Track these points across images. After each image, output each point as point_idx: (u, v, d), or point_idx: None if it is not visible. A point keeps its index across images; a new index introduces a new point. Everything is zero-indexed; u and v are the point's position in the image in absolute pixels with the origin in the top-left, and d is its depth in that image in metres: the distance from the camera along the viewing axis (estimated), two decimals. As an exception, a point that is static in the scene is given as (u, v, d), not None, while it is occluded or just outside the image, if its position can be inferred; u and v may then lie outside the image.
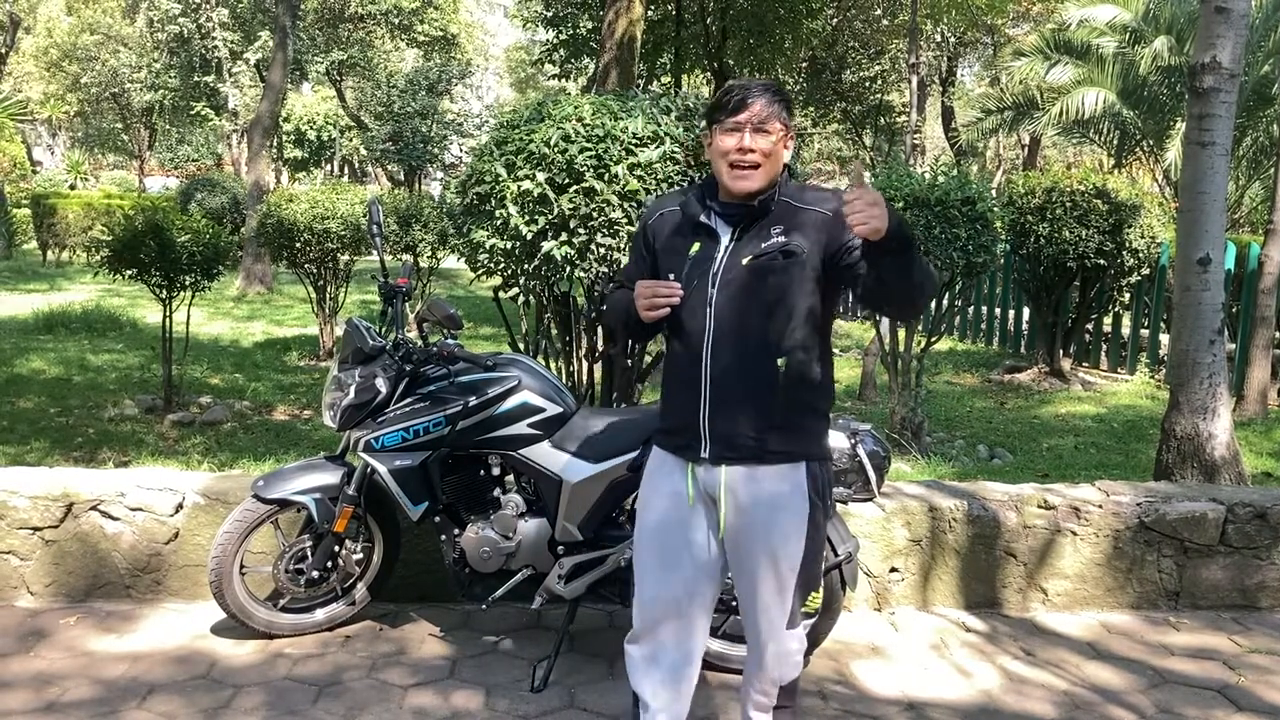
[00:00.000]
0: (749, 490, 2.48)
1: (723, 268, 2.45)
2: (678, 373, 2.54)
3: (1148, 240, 8.79)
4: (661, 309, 2.42)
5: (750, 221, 2.47)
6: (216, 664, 3.44)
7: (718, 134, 2.46)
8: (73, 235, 19.85)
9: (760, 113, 2.41)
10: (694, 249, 2.49)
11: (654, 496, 2.61)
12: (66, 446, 5.97)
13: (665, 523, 2.58)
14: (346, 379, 3.48)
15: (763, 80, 2.51)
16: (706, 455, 2.49)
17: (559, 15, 19.14)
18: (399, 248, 10.97)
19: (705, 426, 2.48)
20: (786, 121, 2.46)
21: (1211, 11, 4.95)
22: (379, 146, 32.58)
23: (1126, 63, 14.83)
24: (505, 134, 4.34)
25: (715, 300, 2.44)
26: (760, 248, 2.43)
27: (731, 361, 2.44)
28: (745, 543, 2.51)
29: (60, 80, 34.98)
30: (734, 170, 2.43)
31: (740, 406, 2.45)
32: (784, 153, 2.48)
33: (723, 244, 2.48)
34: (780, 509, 2.48)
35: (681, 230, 2.55)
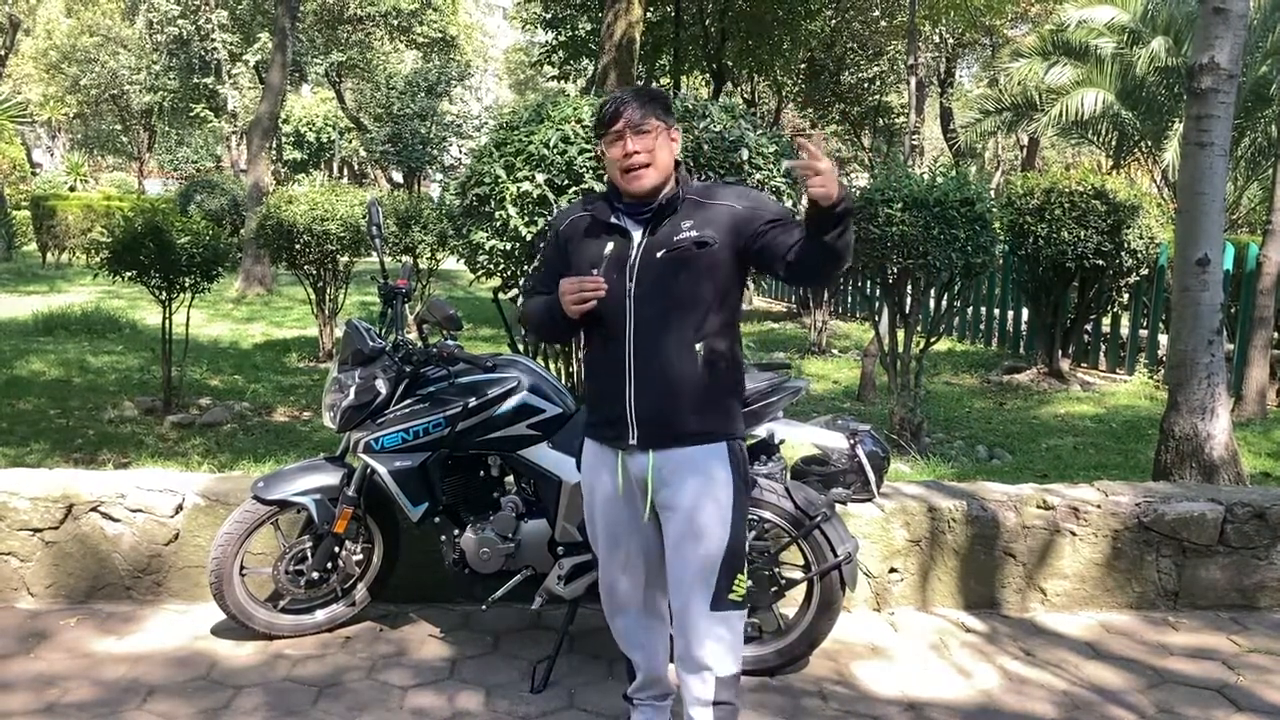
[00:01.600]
0: (674, 471, 2.63)
1: (639, 262, 2.60)
2: (602, 365, 2.69)
3: (1146, 241, 8.79)
4: (588, 303, 2.55)
5: (660, 218, 2.62)
6: (217, 665, 3.45)
7: (605, 146, 2.64)
8: (72, 237, 19.86)
9: (633, 116, 2.57)
10: (609, 248, 2.64)
11: (593, 486, 2.79)
12: (66, 448, 5.97)
13: (605, 510, 2.77)
14: (346, 380, 3.48)
15: (633, 88, 2.69)
16: (635, 442, 2.64)
17: (558, 17, 19.15)
18: (398, 249, 10.97)
19: (632, 414, 2.62)
20: (664, 119, 2.61)
21: (1209, 12, 4.96)
22: (378, 148, 32.63)
23: (1125, 64, 14.85)
24: (504, 135, 4.35)
25: (634, 293, 2.59)
26: (674, 240, 2.59)
27: (653, 350, 2.59)
28: (672, 522, 2.66)
29: (60, 82, 34.99)
30: (626, 174, 2.60)
31: (663, 392, 2.60)
32: (672, 146, 2.63)
33: (635, 241, 2.63)
34: (704, 487, 2.62)
35: (593, 232, 2.69)
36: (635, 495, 2.71)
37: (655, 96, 2.65)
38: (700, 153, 4.09)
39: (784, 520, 3.37)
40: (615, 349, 2.63)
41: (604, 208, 2.69)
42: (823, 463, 3.51)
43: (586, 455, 2.81)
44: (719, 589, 2.65)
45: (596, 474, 2.77)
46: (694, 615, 2.67)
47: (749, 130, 4.61)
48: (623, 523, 2.75)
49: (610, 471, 2.72)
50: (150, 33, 31.01)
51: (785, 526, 3.38)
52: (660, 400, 2.60)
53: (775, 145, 4.78)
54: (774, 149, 4.73)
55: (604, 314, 2.60)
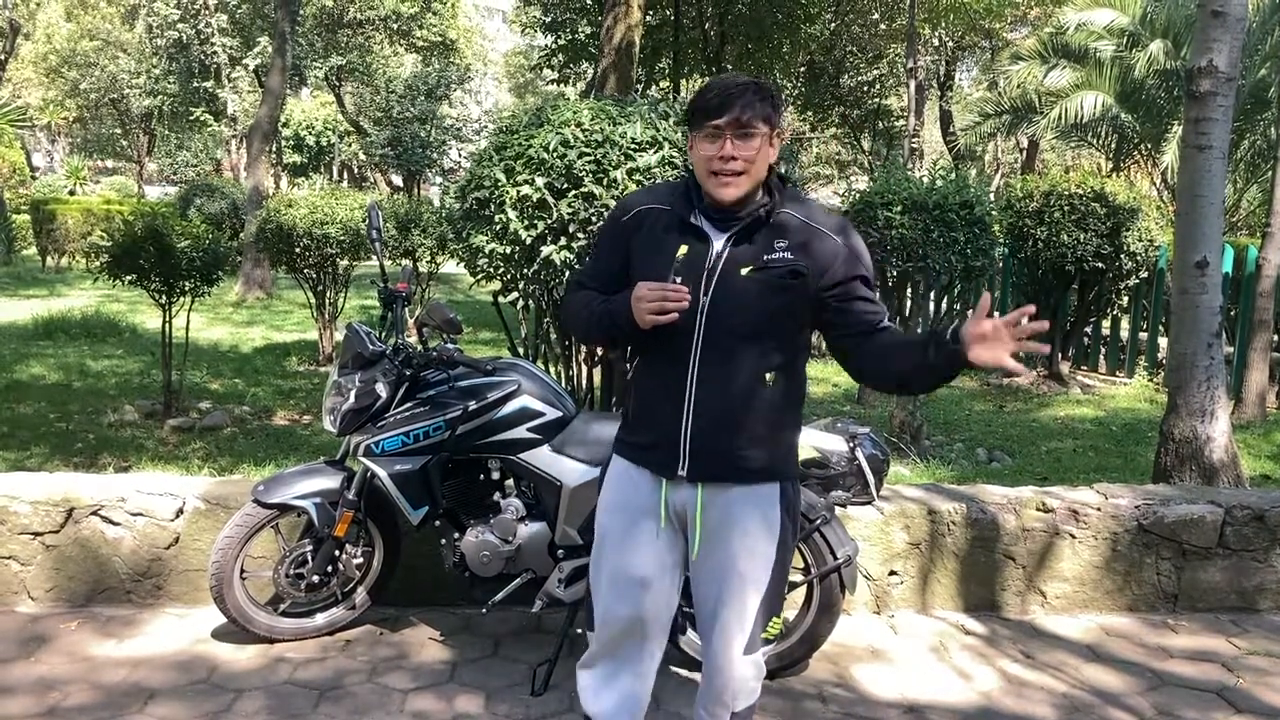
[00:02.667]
0: (724, 510, 2.37)
1: (719, 273, 2.29)
2: (657, 383, 2.38)
3: (1146, 243, 8.81)
4: (669, 315, 2.22)
5: (749, 230, 2.31)
6: (217, 668, 3.45)
7: (697, 139, 2.30)
8: (72, 241, 19.86)
9: (742, 115, 2.22)
10: (681, 251, 2.30)
11: (619, 514, 2.46)
12: (67, 452, 5.97)
13: (631, 543, 2.44)
14: (347, 384, 3.49)
15: (745, 78, 2.32)
16: (684, 473, 2.35)
17: (557, 20, 19.19)
18: (398, 253, 10.99)
19: (686, 442, 2.33)
20: (773, 121, 2.28)
21: (1208, 15, 4.97)
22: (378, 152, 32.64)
23: (1124, 66, 14.86)
24: (504, 139, 4.36)
25: (707, 308, 2.28)
26: (764, 260, 2.28)
27: (720, 374, 2.30)
28: (715, 565, 2.40)
29: (59, 86, 35.04)
30: (716, 178, 2.27)
31: (725, 421, 2.32)
32: (771, 154, 2.31)
33: (715, 249, 2.31)
34: (753, 531, 2.38)
35: (667, 229, 2.35)
36: (674, 530, 2.43)
37: (769, 93, 2.27)
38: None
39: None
40: (676, 367, 2.31)
41: (684, 203, 2.35)
42: (822, 466, 3.51)
43: (616, 477, 2.49)
44: (754, 633, 2.44)
45: (628, 500, 2.45)
46: (727, 658, 2.45)
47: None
48: (646, 554, 2.43)
49: (649, 500, 2.41)
50: (150, 37, 31.05)
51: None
52: (720, 431, 2.32)
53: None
54: (773, 152, 4.74)
55: (669, 328, 2.26)
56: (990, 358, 2.09)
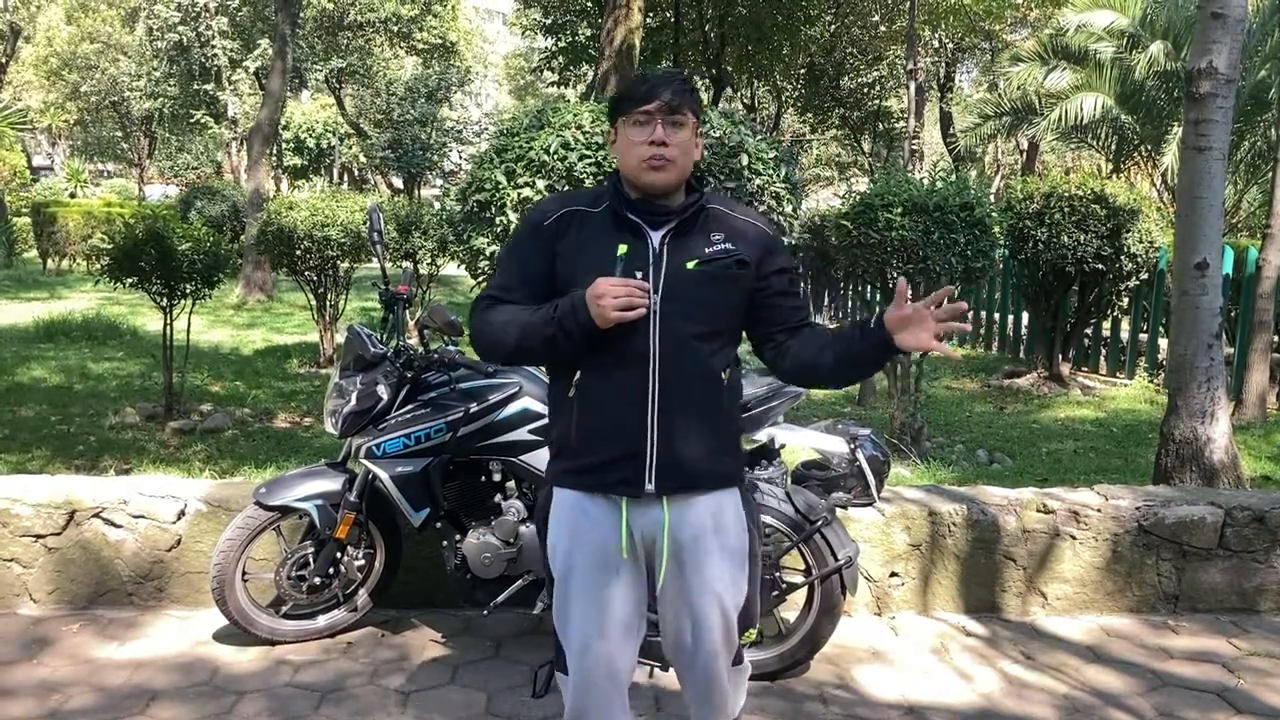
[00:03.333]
0: (693, 525, 2.27)
1: (665, 270, 2.21)
2: (611, 394, 2.22)
3: (1146, 245, 8.81)
4: (638, 310, 2.11)
5: (684, 224, 2.26)
6: (219, 671, 3.45)
7: (626, 126, 2.24)
8: (73, 243, 19.88)
9: (672, 100, 2.20)
10: (621, 249, 2.20)
11: (577, 556, 2.29)
12: (68, 454, 5.97)
13: (598, 590, 2.28)
14: (348, 386, 3.49)
15: (670, 71, 2.42)
16: (651, 486, 2.22)
17: (558, 23, 19.22)
18: (399, 255, 10.99)
19: (652, 454, 2.20)
20: (698, 114, 2.28)
21: (1208, 17, 4.98)
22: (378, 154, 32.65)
23: (1124, 68, 14.87)
24: (505, 141, 4.37)
25: (659, 306, 2.19)
26: (706, 253, 2.24)
27: (681, 375, 2.21)
28: (689, 587, 2.30)
29: (60, 89, 35.07)
30: (647, 164, 2.20)
31: (692, 425, 2.23)
32: (695, 150, 2.29)
33: (653, 245, 2.24)
34: (725, 543, 2.30)
35: (599, 230, 2.25)
36: (637, 557, 2.29)
37: (692, 88, 2.27)
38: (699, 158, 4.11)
39: (785, 525, 3.38)
40: (632, 374, 2.20)
41: (613, 200, 2.27)
42: (823, 467, 3.52)
43: (565, 513, 2.31)
44: (730, 645, 2.38)
45: (580, 532, 2.28)
46: (712, 675, 2.38)
47: (748, 136, 4.62)
48: (614, 588, 2.28)
49: (609, 528, 2.26)
50: (150, 39, 31.06)
51: (786, 531, 3.39)
52: (687, 437, 2.22)
53: (775, 151, 4.79)
54: (773, 154, 4.74)
55: (618, 331, 2.14)
56: (914, 342, 2.12)
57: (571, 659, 2.35)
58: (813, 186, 37.19)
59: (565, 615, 2.34)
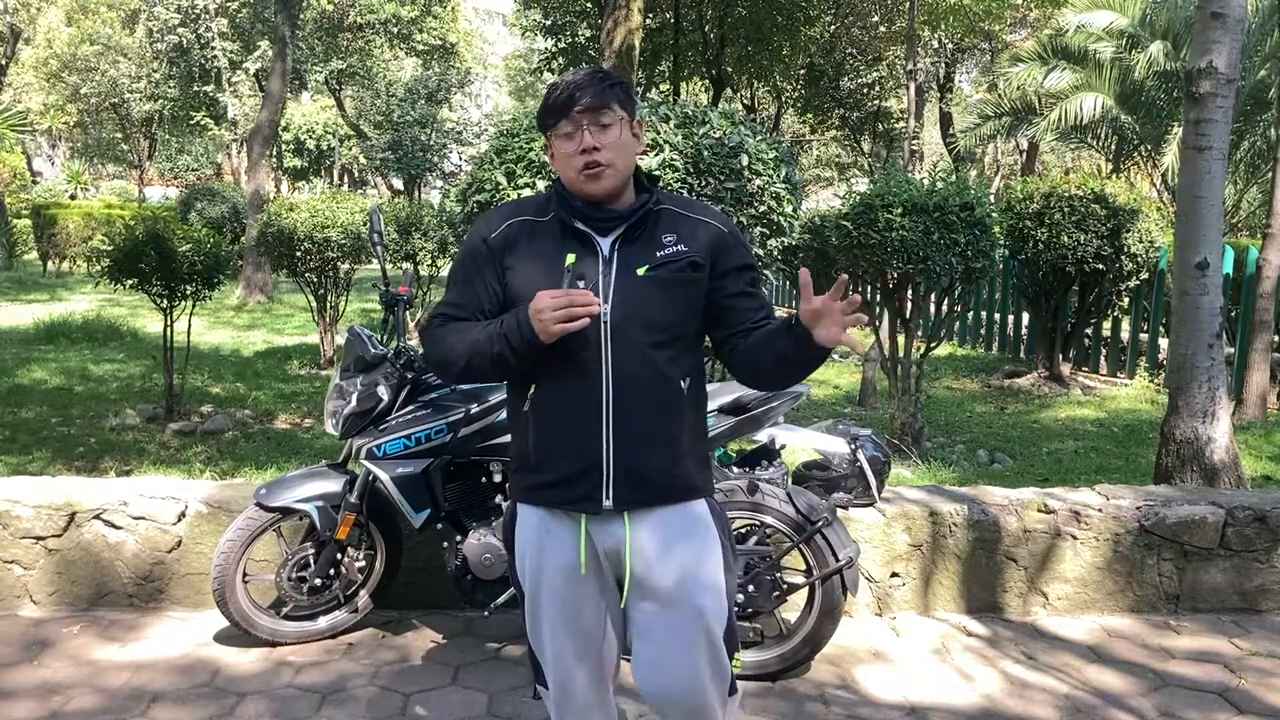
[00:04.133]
0: (658, 540, 2.18)
1: (614, 278, 2.14)
2: (564, 409, 2.16)
3: (1146, 245, 8.81)
4: (580, 321, 2.02)
5: (634, 228, 2.18)
6: (220, 672, 3.45)
7: (554, 139, 2.17)
8: (73, 245, 19.88)
9: (592, 102, 2.11)
10: (570, 259, 2.14)
11: (540, 565, 2.24)
12: (68, 456, 5.97)
13: (560, 592, 2.23)
14: (349, 387, 3.49)
15: (590, 69, 2.25)
16: (610, 503, 2.15)
17: (557, 24, 19.23)
18: (399, 256, 10.99)
19: (609, 466, 2.13)
20: (626, 108, 2.16)
21: (1207, 17, 4.98)
22: (378, 155, 32.66)
23: (1124, 68, 14.87)
24: (505, 142, 4.37)
25: (609, 315, 2.11)
26: (657, 257, 2.16)
27: (636, 385, 2.13)
28: (662, 606, 2.20)
29: (60, 91, 35.07)
30: (582, 173, 2.13)
31: (650, 437, 2.15)
32: (634, 142, 2.19)
33: (603, 253, 2.16)
34: (696, 557, 2.20)
35: (544, 241, 2.18)
36: (602, 572, 2.23)
37: (614, 81, 2.17)
38: (700, 159, 4.10)
39: (785, 525, 3.38)
40: (586, 387, 2.13)
41: (558, 210, 2.19)
42: (824, 468, 3.53)
43: (527, 530, 2.25)
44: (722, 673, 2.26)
45: (545, 550, 2.22)
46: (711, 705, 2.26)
47: (748, 136, 4.62)
48: (583, 604, 2.23)
49: (569, 545, 2.19)
50: (150, 41, 31.07)
51: (787, 531, 3.39)
52: (645, 448, 2.14)
53: (775, 151, 4.79)
54: (773, 155, 4.74)
55: (569, 343, 2.08)
56: (828, 337, 2.02)
57: (549, 674, 2.32)
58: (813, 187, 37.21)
59: (538, 632, 2.30)
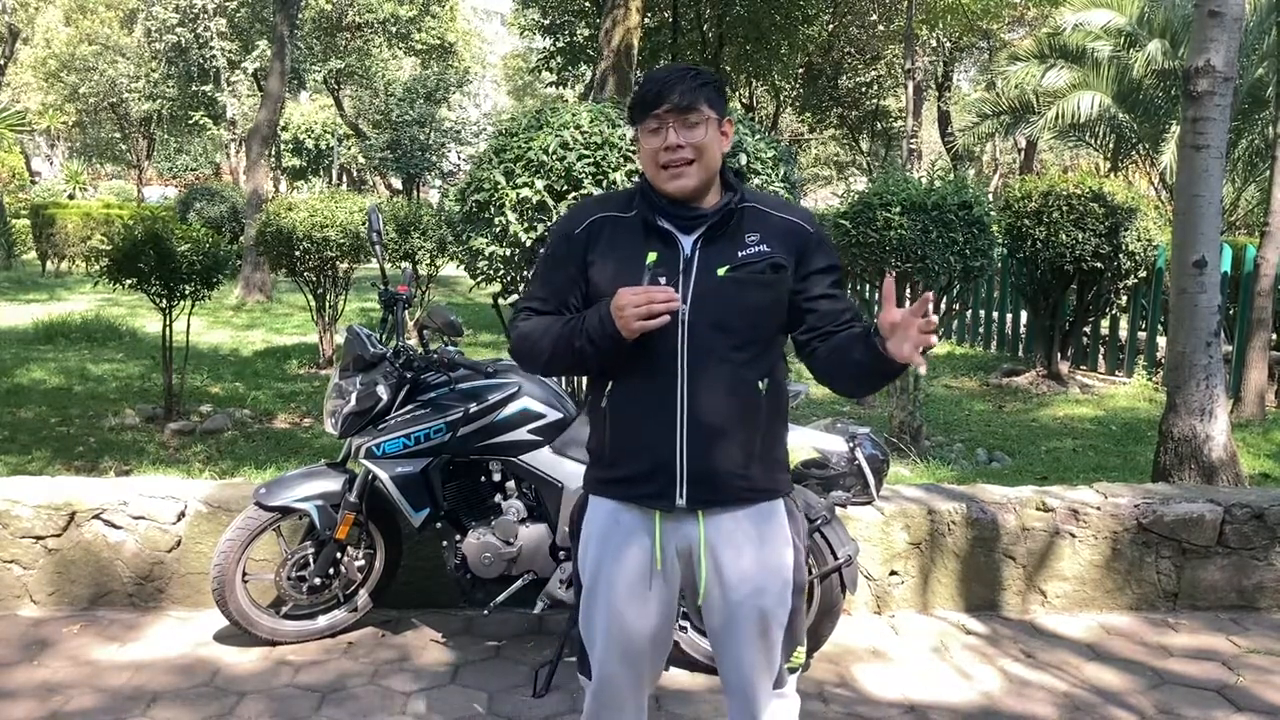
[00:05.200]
0: (732, 540, 2.18)
1: (694, 277, 2.13)
2: (640, 405, 2.16)
3: (1144, 243, 8.81)
4: (660, 319, 2.02)
5: (717, 226, 2.17)
6: (220, 672, 3.45)
7: (641, 134, 2.17)
8: (72, 245, 19.87)
9: (681, 100, 2.10)
10: (651, 256, 2.13)
11: (608, 564, 2.23)
12: (68, 456, 5.98)
13: (628, 597, 2.22)
14: (348, 386, 3.50)
15: (683, 65, 2.23)
16: (683, 502, 2.14)
17: (556, 23, 19.23)
18: (398, 255, 11.00)
19: (682, 466, 2.13)
20: (718, 106, 2.15)
21: (1205, 15, 4.98)
22: (377, 155, 32.67)
23: (1121, 66, 14.87)
24: (504, 142, 4.37)
25: (688, 316, 2.11)
26: (739, 257, 2.15)
27: (711, 386, 2.12)
28: (730, 605, 2.21)
29: (58, 90, 35.04)
30: (665, 170, 2.13)
31: (724, 438, 2.14)
32: (722, 141, 2.19)
33: (684, 251, 2.16)
34: (766, 558, 2.21)
35: (627, 237, 2.18)
36: (674, 574, 2.22)
37: (705, 80, 2.14)
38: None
39: (784, 524, 3.38)
40: (662, 384, 2.12)
41: (641, 208, 2.19)
42: (822, 466, 3.53)
43: (597, 521, 2.25)
44: (781, 668, 2.29)
45: (617, 545, 2.21)
46: (757, 697, 2.28)
47: (747, 135, 4.63)
48: (642, 603, 2.22)
49: (642, 539, 2.19)
50: (149, 41, 31.07)
51: (786, 530, 3.39)
52: (718, 449, 2.13)
53: (773, 150, 4.79)
54: (772, 154, 4.75)
55: (647, 341, 2.07)
56: (901, 354, 1.98)
57: (595, 666, 2.30)
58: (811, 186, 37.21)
59: (590, 623, 2.29)
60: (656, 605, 2.23)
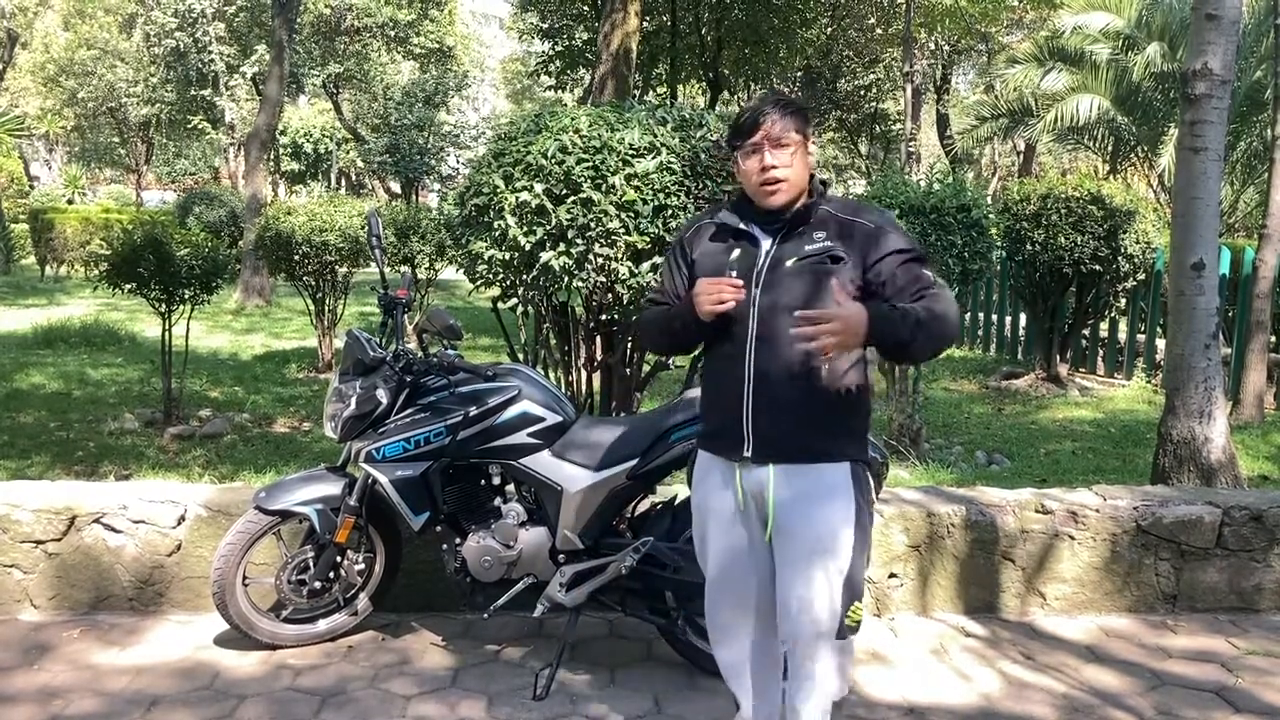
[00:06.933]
0: (794, 489, 2.53)
1: (766, 269, 2.53)
2: (720, 374, 2.61)
3: (1143, 245, 8.82)
4: (726, 304, 2.46)
5: (792, 228, 2.55)
6: (220, 675, 3.46)
7: (740, 158, 2.56)
8: (71, 250, 19.88)
9: (772, 129, 2.49)
10: (735, 255, 2.58)
11: (705, 502, 2.69)
12: (67, 460, 5.98)
13: (719, 528, 2.65)
14: (348, 390, 3.50)
15: (773, 97, 2.60)
16: (749, 454, 2.55)
17: (555, 27, 19.23)
18: (397, 259, 11.00)
19: (749, 426, 2.53)
20: (803, 130, 2.54)
21: (1203, 19, 4.99)
22: (376, 159, 32.65)
23: (1120, 69, 14.91)
24: (503, 146, 4.37)
25: (758, 301, 2.51)
26: (805, 251, 2.51)
27: (774, 361, 2.50)
28: (792, 546, 2.55)
29: (57, 95, 35.05)
30: (763, 189, 2.53)
31: (783, 405, 2.51)
32: (808, 159, 2.57)
33: (764, 248, 2.56)
34: (824, 511, 2.52)
35: (719, 238, 2.64)
36: (753, 513, 2.60)
37: (796, 106, 2.56)
38: (697, 162, 4.11)
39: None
40: (735, 359, 2.54)
41: (733, 215, 2.63)
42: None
43: (698, 469, 2.73)
44: (840, 615, 2.55)
45: (709, 488, 2.67)
46: (809, 643, 2.56)
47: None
48: (738, 542, 2.64)
49: (726, 486, 2.62)
50: (147, 45, 31.09)
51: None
52: (777, 414, 2.51)
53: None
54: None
55: (726, 320, 2.52)
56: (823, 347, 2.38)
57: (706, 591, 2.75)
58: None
59: (700, 555, 2.76)
60: (744, 539, 2.63)
